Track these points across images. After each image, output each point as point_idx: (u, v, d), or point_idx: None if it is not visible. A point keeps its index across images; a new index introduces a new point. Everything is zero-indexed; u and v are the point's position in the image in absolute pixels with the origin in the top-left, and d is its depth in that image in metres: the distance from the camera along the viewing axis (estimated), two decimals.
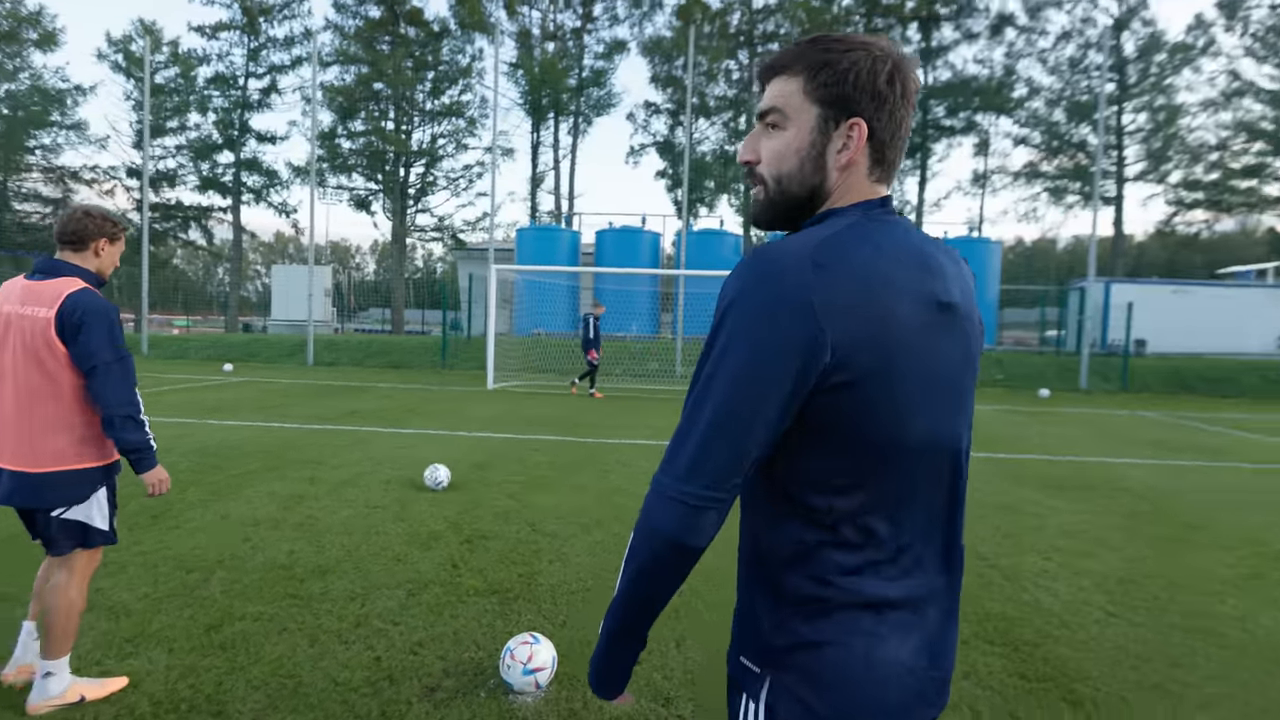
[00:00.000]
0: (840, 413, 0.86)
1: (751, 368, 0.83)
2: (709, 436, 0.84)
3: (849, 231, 0.88)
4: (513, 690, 2.55)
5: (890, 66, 0.91)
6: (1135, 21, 28.15)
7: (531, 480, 5.94)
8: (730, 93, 32.16)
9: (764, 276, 0.84)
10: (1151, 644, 3.21)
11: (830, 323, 0.82)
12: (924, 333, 0.87)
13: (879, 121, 0.92)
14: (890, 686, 0.89)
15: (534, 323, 20.54)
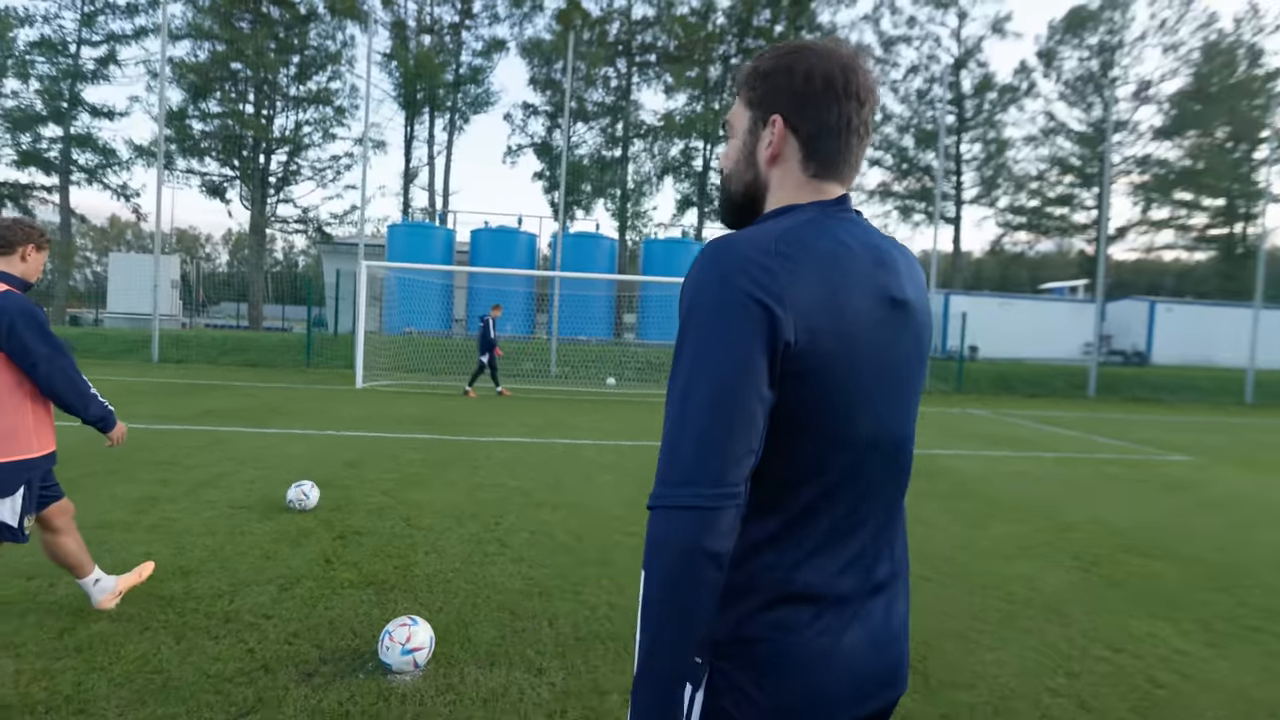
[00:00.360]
0: (797, 403, 0.86)
1: (729, 357, 0.82)
2: (706, 429, 0.81)
3: (808, 225, 0.90)
4: (391, 670, 2.66)
5: (811, 65, 0.94)
6: (972, 62, 31.58)
7: (405, 477, 5.91)
8: (608, 99, 32.73)
9: (725, 267, 0.85)
10: (956, 601, 3.81)
11: (791, 308, 0.83)
12: (878, 327, 0.90)
13: (800, 117, 0.95)
14: (832, 677, 0.89)
15: (405, 321, 19.92)
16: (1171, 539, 5.23)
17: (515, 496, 5.49)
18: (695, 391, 0.82)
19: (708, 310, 0.84)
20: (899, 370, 0.94)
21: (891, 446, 0.95)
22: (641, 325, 23.06)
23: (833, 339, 0.86)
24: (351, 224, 29.43)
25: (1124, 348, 25.69)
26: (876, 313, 0.90)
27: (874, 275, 0.91)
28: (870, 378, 0.90)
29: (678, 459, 0.82)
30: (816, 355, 0.85)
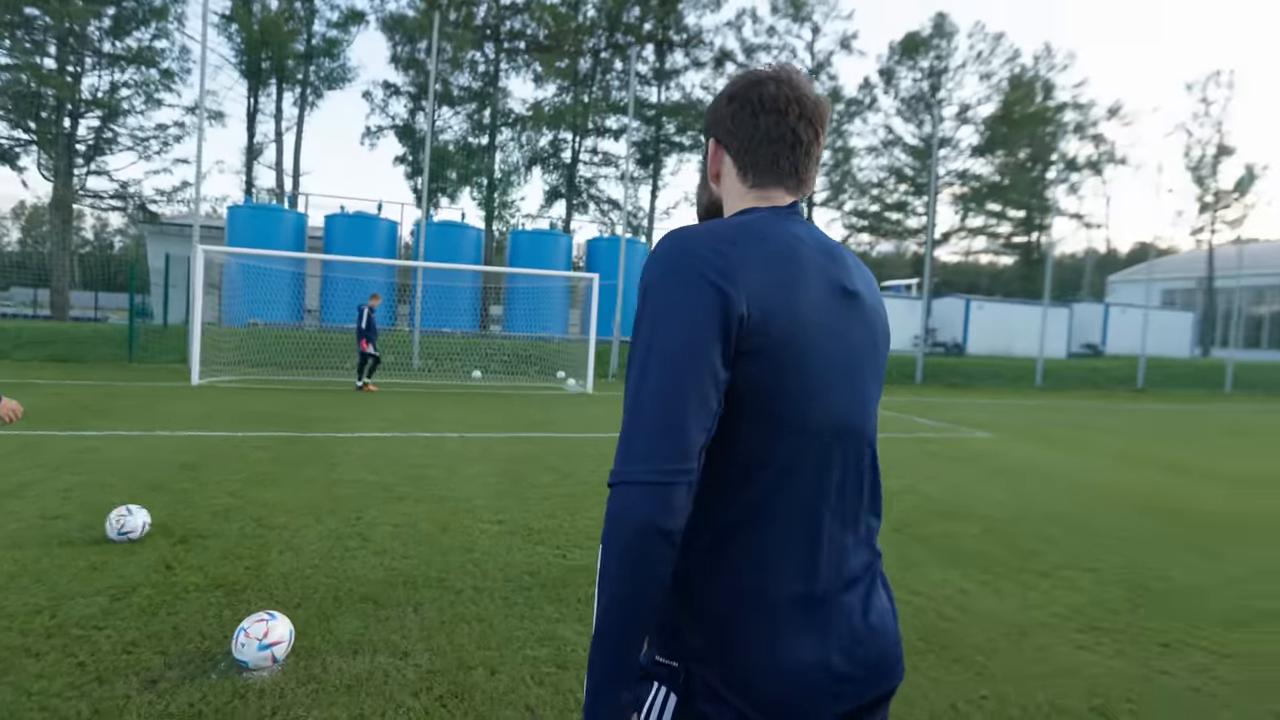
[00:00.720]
0: (751, 384, 0.87)
1: (683, 336, 0.84)
2: (661, 409, 0.83)
3: (759, 220, 0.95)
4: (248, 667, 2.62)
5: (732, 90, 1.03)
6: (823, 74, 33.90)
7: (254, 477, 5.62)
8: (475, 84, 31.89)
9: (680, 252, 0.89)
10: None
11: (744, 288, 0.86)
12: (830, 314, 0.93)
13: (728, 137, 1.03)
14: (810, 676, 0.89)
15: (249, 312, 18.43)
16: (970, 502, 6.11)
17: (376, 491, 5.39)
18: (652, 371, 0.85)
19: (663, 291, 0.87)
20: (852, 360, 0.95)
21: (848, 436, 0.95)
22: (508, 317, 22.80)
23: (786, 321, 0.88)
24: (183, 203, 26.66)
25: (946, 340, 28.85)
26: (828, 301, 0.93)
27: (825, 267, 0.95)
28: (823, 365, 0.91)
29: (636, 436, 0.83)
30: (769, 335, 0.87)
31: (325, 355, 16.43)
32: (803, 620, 0.90)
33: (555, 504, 5.33)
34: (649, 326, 0.87)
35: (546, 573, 3.88)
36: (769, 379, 0.88)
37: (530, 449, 7.61)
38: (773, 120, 0.99)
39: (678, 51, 33.44)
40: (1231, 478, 8.04)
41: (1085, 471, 7.97)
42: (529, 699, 2.58)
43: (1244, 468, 8.82)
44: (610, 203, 34.28)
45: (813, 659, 0.90)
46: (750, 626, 0.89)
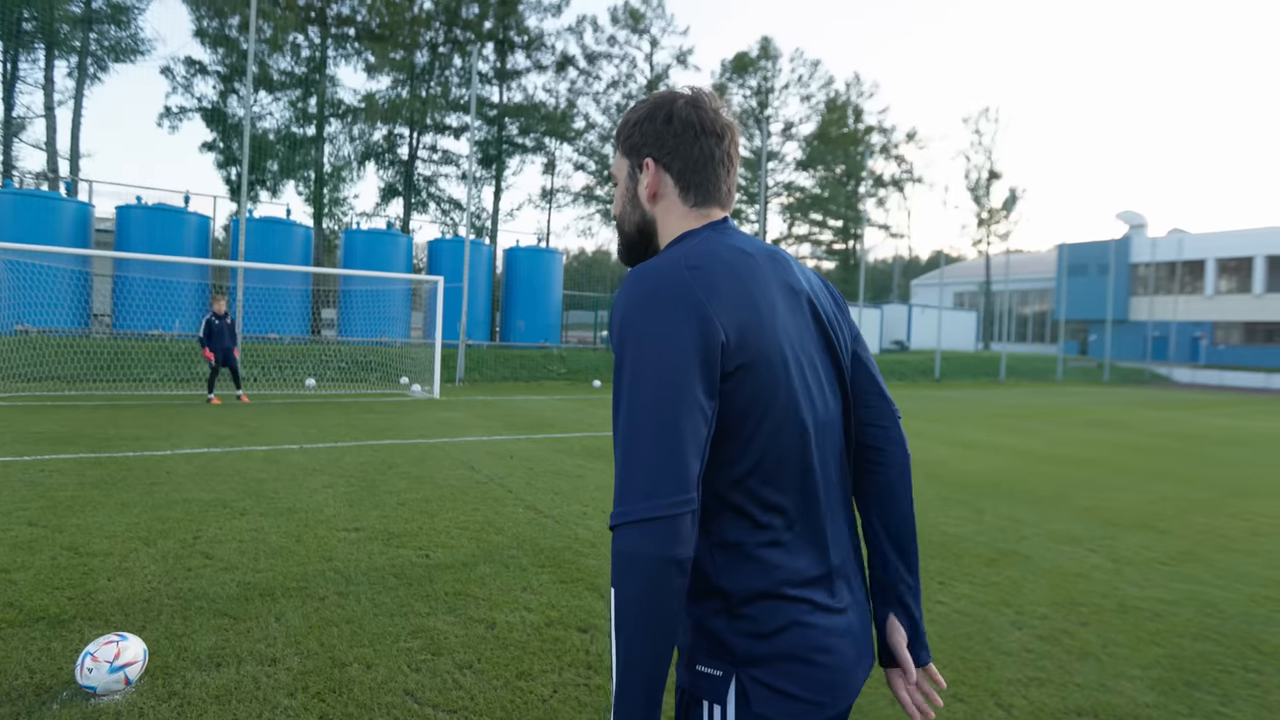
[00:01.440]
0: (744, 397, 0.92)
1: (667, 371, 0.87)
2: (656, 446, 0.85)
3: (706, 241, 0.99)
4: (96, 693, 2.48)
5: (667, 111, 1.05)
6: (661, 85, 35.25)
7: (55, 504, 5.03)
8: (298, 69, 29.64)
9: (648, 290, 0.91)
10: None
11: (718, 314, 0.90)
12: (788, 313, 0.99)
13: (668, 156, 1.05)
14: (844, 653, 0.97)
15: (16, 317, 15.86)
16: None
17: (213, 509, 5.06)
18: (640, 412, 0.87)
19: (642, 328, 0.89)
20: (815, 353, 1.02)
21: (828, 427, 1.02)
22: (343, 321, 21.52)
23: (757, 331, 0.93)
24: None
25: None
26: (783, 301, 0.99)
27: (773, 270, 1.01)
28: (794, 363, 0.97)
29: (634, 475, 0.85)
30: (749, 349, 0.91)
31: (124, 366, 14.60)
32: (830, 599, 0.98)
33: (412, 508, 5.32)
34: (632, 365, 0.89)
35: (411, 573, 3.93)
36: (759, 390, 0.93)
37: (379, 456, 7.41)
38: (713, 143, 1.05)
39: (519, 52, 33.28)
40: (995, 448, 9.65)
41: None
42: (407, 685, 2.68)
43: (1005, 441, 10.59)
44: (451, 202, 33.36)
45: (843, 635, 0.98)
46: (799, 614, 0.94)
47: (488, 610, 3.44)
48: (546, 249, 26.11)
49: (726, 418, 0.92)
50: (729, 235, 1.03)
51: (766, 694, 0.92)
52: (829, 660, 0.95)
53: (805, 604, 0.96)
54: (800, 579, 0.96)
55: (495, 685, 2.73)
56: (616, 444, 0.90)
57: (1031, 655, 3.19)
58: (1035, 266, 46.53)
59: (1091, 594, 4.03)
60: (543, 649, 3.06)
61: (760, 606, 0.94)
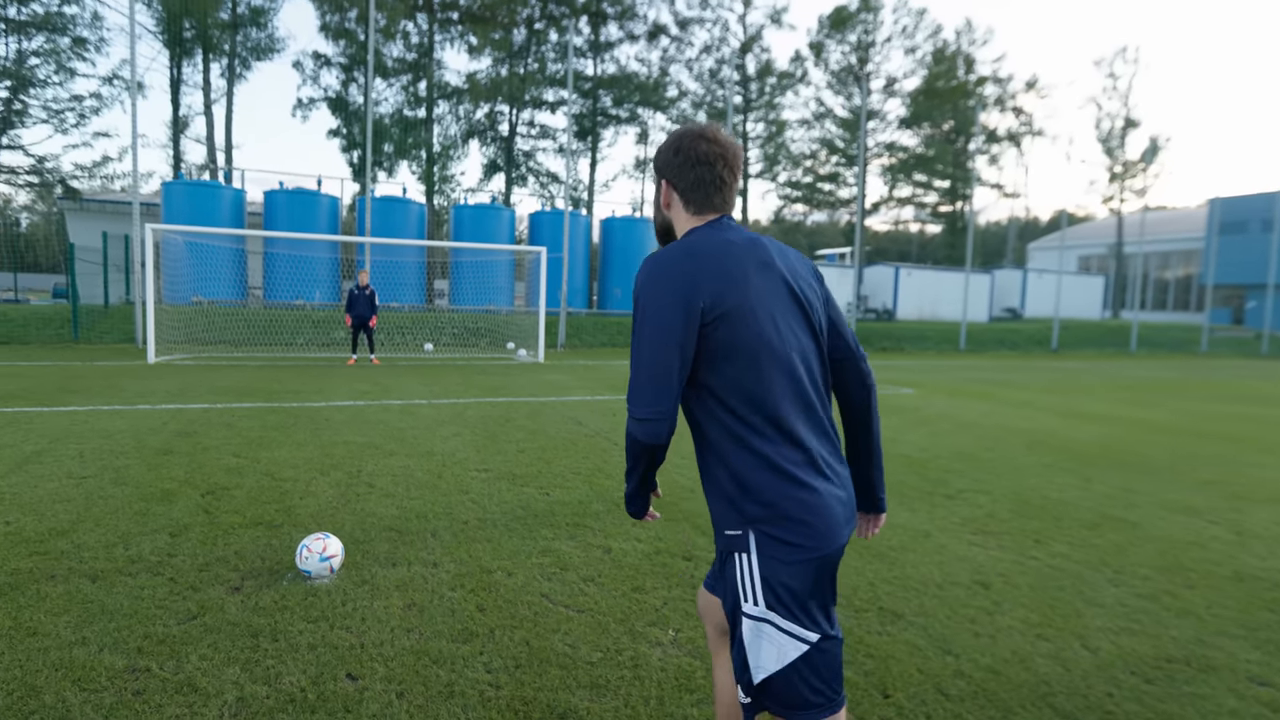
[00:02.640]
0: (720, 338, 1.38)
1: (662, 323, 1.37)
2: (646, 376, 1.38)
3: (702, 235, 1.46)
4: (310, 576, 3.22)
5: (677, 145, 1.52)
6: (755, 47, 34.61)
7: (249, 441, 6.06)
8: (409, 56, 31.29)
9: (653, 270, 1.41)
10: None
11: (701, 286, 1.37)
12: (759, 280, 1.42)
13: (674, 177, 1.54)
14: (832, 515, 1.39)
15: (191, 289, 18.14)
16: (892, 446, 7.06)
17: (367, 450, 5.93)
18: (643, 351, 1.39)
19: (649, 297, 1.40)
20: (781, 305, 1.44)
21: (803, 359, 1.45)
22: (454, 291, 22.97)
23: (733, 295, 1.39)
24: (105, 178, 25.50)
25: (876, 306, 30.44)
26: (756, 273, 1.43)
27: (751, 252, 1.45)
28: (763, 311, 1.40)
29: (636, 390, 1.40)
30: (725, 307, 1.38)
31: (275, 331, 16.45)
32: (817, 474, 1.40)
33: (531, 455, 5.99)
34: (641, 316, 1.40)
35: (534, 506, 4.56)
36: (733, 332, 1.38)
37: (497, 411, 8.21)
38: (705, 170, 1.50)
39: (611, 24, 33.54)
40: (1110, 419, 9.32)
41: (991, 418, 9.11)
42: (543, 589, 3.28)
43: (1124, 412, 10.16)
44: (549, 176, 34.39)
45: (829, 497, 1.40)
46: (787, 488, 1.37)
47: (603, 539, 4.00)
48: (641, 218, 26.57)
49: (715, 349, 1.39)
50: (721, 230, 1.48)
51: (775, 544, 1.37)
52: (815, 519, 1.38)
53: (791, 480, 1.38)
54: (788, 462, 1.38)
55: (614, 595, 3.27)
56: (631, 366, 1.41)
57: (1126, 610, 3.27)
58: (1179, 225, 42.35)
59: (1204, 561, 3.99)
60: (653, 570, 3.58)
61: (758, 482, 1.38)
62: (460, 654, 2.65)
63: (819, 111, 37.30)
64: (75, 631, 2.68)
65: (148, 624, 2.76)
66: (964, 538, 4.35)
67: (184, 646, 2.60)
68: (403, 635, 2.77)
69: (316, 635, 2.74)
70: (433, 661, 2.58)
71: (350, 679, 2.44)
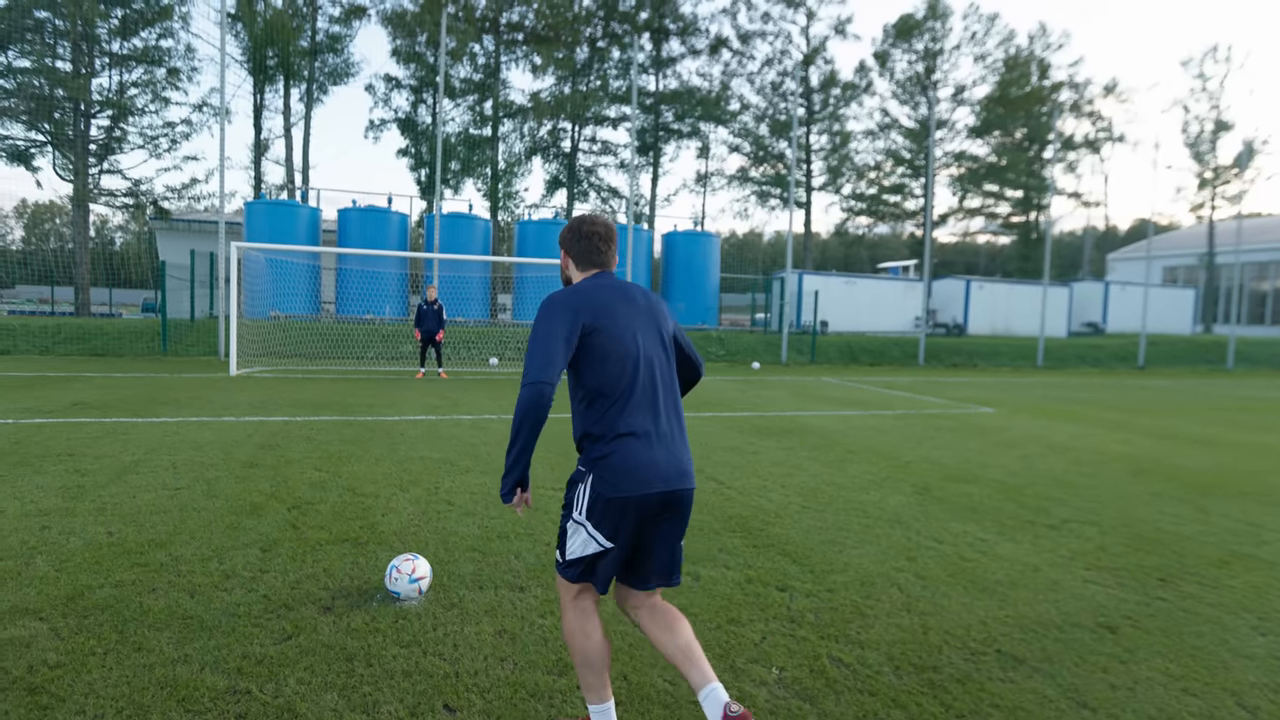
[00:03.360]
0: (594, 345, 2.07)
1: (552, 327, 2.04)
2: (538, 355, 2.00)
3: (585, 282, 2.20)
4: (399, 598, 3.18)
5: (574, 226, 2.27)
6: (819, 59, 34.16)
7: (329, 455, 6.16)
8: (475, 76, 32.14)
9: (554, 298, 2.12)
10: (828, 520, 4.84)
11: (582, 310, 2.08)
12: (622, 311, 2.14)
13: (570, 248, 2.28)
14: (648, 469, 2.03)
15: (269, 304, 18.94)
16: (981, 470, 6.68)
17: (443, 466, 5.94)
18: (536, 343, 2.02)
19: (546, 315, 2.08)
20: (639, 327, 2.15)
21: (649, 362, 2.13)
22: (517, 306, 23.30)
23: (602, 318, 2.08)
24: (193, 199, 27.00)
25: (946, 320, 29.38)
26: (619, 306, 2.14)
27: (619, 292, 2.18)
28: (625, 332, 2.10)
29: (529, 367, 1.99)
30: (596, 325, 2.07)
31: (347, 345, 16.96)
32: (645, 443, 2.05)
33: None
34: (538, 326, 2.06)
35: None
36: (600, 341, 2.06)
37: (565, 429, 8.13)
38: (587, 243, 2.25)
39: (674, 40, 33.69)
40: (1217, 443, 8.62)
41: (1085, 441, 8.55)
42: None
43: (1230, 436, 9.40)
44: (610, 190, 34.67)
45: (648, 459, 2.03)
46: (620, 446, 2.03)
47: (690, 564, 3.84)
48: (703, 233, 26.44)
49: (592, 355, 2.06)
50: (599, 279, 2.22)
51: (602, 481, 2.01)
52: (638, 471, 2.01)
53: (626, 440, 2.03)
54: (624, 430, 2.03)
55: (709, 627, 3.10)
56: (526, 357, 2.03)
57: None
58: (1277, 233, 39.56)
59: None
60: (746, 601, 3.40)
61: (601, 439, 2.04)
62: (557, 688, 2.53)
63: (884, 122, 36.50)
64: (177, 648, 2.68)
65: (245, 643, 2.75)
66: (1077, 573, 4.01)
67: (282, 669, 2.57)
68: (496, 665, 2.67)
69: (410, 661, 2.67)
70: (530, 695, 2.48)
71: (448, 710, 2.36)
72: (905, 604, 3.45)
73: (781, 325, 22.85)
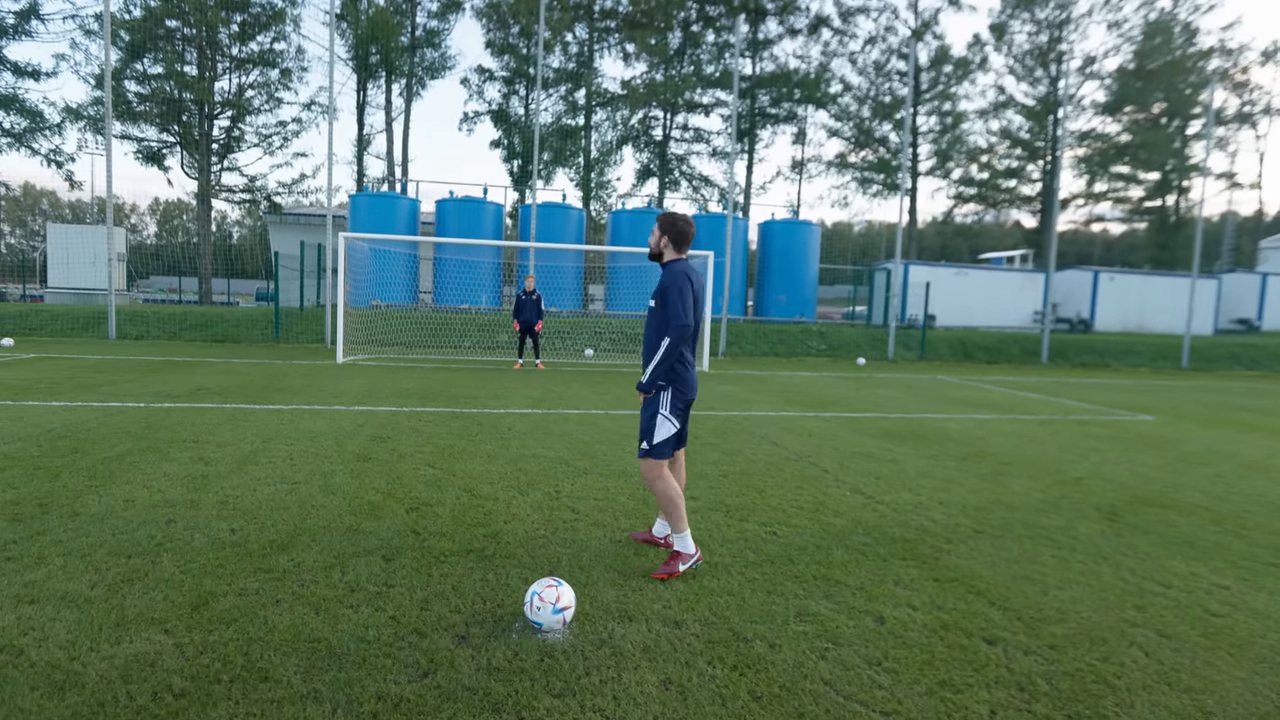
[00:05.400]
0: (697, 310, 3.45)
1: (681, 290, 3.39)
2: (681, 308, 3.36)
3: (684, 263, 3.55)
4: (541, 629, 2.74)
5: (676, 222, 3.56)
6: (928, 34, 32.11)
7: (440, 450, 5.90)
8: (568, 65, 32.06)
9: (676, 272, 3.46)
10: (1012, 550, 4.10)
11: (691, 281, 3.43)
12: (695, 284, 3.46)
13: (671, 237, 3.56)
14: (694, 382, 3.54)
15: (370, 293, 19.41)
16: (1171, 491, 5.69)
17: (559, 466, 5.55)
18: (674, 298, 3.38)
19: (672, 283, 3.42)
20: (696, 295, 3.45)
21: (697, 319, 3.44)
22: (611, 296, 23.01)
23: (698, 289, 3.48)
24: (301, 193, 28.26)
25: (1069, 315, 27.00)
26: (695, 281, 3.47)
27: (695, 272, 3.51)
28: (694, 298, 3.42)
29: (674, 314, 3.37)
30: (698, 294, 3.47)
31: (445, 334, 17.13)
32: (692, 367, 3.53)
33: (736, 481, 5.33)
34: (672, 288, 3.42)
35: (765, 550, 3.87)
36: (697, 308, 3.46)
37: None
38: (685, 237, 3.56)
39: (770, 20, 32.46)
40: None
41: None
42: (821, 673, 2.57)
43: None
44: (702, 179, 33.88)
45: (694, 377, 3.56)
46: (687, 368, 3.50)
47: (866, 602, 3.24)
48: (803, 221, 25.31)
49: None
50: (689, 261, 3.58)
51: (679, 389, 3.50)
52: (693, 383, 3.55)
53: (689, 365, 3.52)
54: (689, 360, 3.52)
55: (916, 691, 2.50)
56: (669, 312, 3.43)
57: None
58: None
59: None
60: (950, 655, 2.77)
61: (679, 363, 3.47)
62: None
63: (999, 100, 33.90)
64: (306, 681, 2.33)
65: (379, 679, 2.37)
66: None
67: (422, 717, 2.16)
68: None
69: (567, 717, 2.21)
70: None
71: None
72: (1161, 675, 2.72)
73: (887, 318, 21.53)
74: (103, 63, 22.52)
